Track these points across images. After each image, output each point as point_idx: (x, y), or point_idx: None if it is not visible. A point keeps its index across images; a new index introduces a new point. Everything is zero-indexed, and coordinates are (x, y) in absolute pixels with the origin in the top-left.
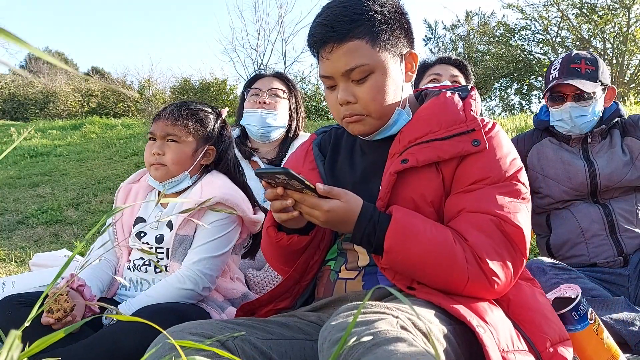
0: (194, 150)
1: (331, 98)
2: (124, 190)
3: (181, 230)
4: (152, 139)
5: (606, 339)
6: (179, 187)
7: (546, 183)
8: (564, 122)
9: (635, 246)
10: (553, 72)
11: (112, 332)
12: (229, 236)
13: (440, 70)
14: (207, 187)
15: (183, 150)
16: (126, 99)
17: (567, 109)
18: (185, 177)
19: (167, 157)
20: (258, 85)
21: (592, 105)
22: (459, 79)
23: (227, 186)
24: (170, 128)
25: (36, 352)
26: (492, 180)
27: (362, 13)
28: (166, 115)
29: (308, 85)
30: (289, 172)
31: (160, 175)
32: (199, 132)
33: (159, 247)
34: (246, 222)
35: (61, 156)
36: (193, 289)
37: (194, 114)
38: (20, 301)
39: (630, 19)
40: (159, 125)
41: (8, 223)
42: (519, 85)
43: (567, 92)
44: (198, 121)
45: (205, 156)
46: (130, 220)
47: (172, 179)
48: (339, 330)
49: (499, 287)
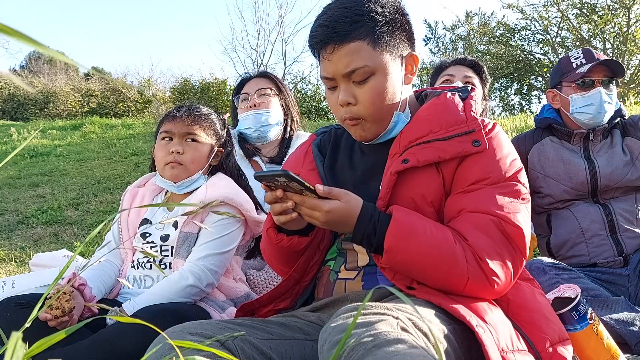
0: (209, 150)
1: (332, 99)
2: (130, 193)
3: (185, 227)
4: (167, 137)
5: (606, 339)
6: (192, 186)
7: (547, 182)
8: (591, 108)
9: (635, 246)
10: (576, 61)
11: (112, 333)
12: (233, 235)
13: (454, 71)
14: (212, 188)
15: (201, 150)
16: (126, 99)
17: (598, 93)
18: (200, 176)
19: (187, 156)
20: (246, 90)
21: (613, 95)
22: (473, 80)
23: (231, 187)
24: (190, 127)
25: (36, 353)
26: (492, 181)
27: (363, 14)
28: (183, 115)
29: (308, 85)
30: (288, 174)
31: (177, 173)
32: (213, 134)
33: (164, 245)
34: (250, 223)
35: (61, 156)
36: (196, 285)
37: (206, 117)
38: (17, 303)
39: (630, 19)
40: (177, 125)
41: (8, 223)
42: (519, 86)
43: (597, 77)
44: (211, 124)
45: (215, 157)
46: (136, 223)
47: (187, 178)
48: (339, 332)
49: (499, 287)
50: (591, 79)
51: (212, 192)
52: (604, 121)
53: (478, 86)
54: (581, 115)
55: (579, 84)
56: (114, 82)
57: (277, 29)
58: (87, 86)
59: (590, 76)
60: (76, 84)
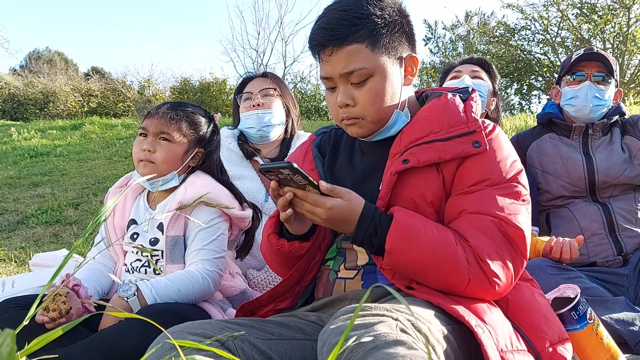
0: (185, 151)
1: (331, 100)
2: (112, 194)
3: (171, 231)
4: (143, 134)
5: (606, 339)
6: (166, 186)
7: (545, 178)
8: (576, 100)
9: (634, 245)
10: (574, 56)
11: (112, 333)
12: (224, 234)
13: (461, 68)
14: (191, 187)
15: (174, 150)
16: (126, 98)
17: (585, 87)
18: (173, 176)
19: (157, 155)
20: (249, 89)
21: (606, 92)
22: (480, 74)
23: (211, 185)
24: (164, 126)
25: (34, 351)
26: (492, 182)
27: (362, 17)
28: (161, 114)
29: (308, 85)
30: (292, 166)
31: (148, 172)
32: (192, 134)
33: (154, 250)
34: (233, 219)
35: (61, 156)
36: (211, 287)
37: (188, 116)
38: (17, 304)
39: (630, 19)
40: (153, 122)
41: (8, 223)
42: (519, 85)
43: (588, 71)
44: (192, 124)
45: (194, 158)
46: (122, 223)
47: (160, 178)
48: (338, 334)
49: (500, 288)
50: (583, 73)
51: (191, 192)
52: (594, 117)
53: (486, 80)
54: (568, 107)
55: (570, 77)
56: (114, 82)
57: (277, 29)
58: (87, 86)
59: (582, 70)
60: (76, 83)
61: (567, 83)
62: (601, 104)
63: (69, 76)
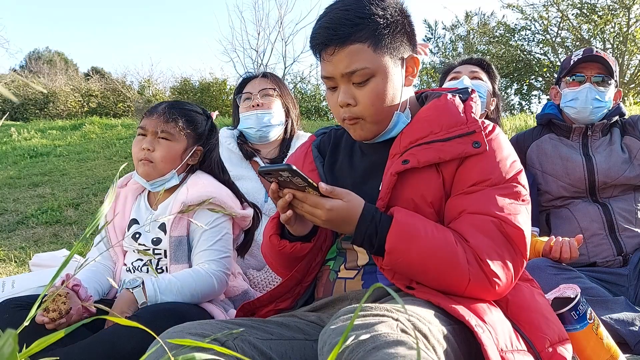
0: (184, 149)
1: (332, 99)
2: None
3: (174, 232)
4: (142, 134)
5: (605, 339)
6: (166, 185)
7: (544, 179)
8: (576, 102)
9: (634, 245)
10: (574, 57)
11: (112, 333)
12: (229, 232)
13: (461, 69)
14: (193, 188)
15: (173, 149)
16: (126, 99)
17: (585, 88)
18: (173, 175)
19: (157, 154)
20: (248, 89)
21: (606, 94)
22: (479, 74)
23: (213, 185)
24: (164, 125)
25: (35, 352)
26: (492, 182)
27: (364, 17)
28: (159, 112)
29: (308, 85)
30: (292, 168)
31: (147, 171)
32: (191, 132)
33: (156, 249)
34: (235, 218)
35: (61, 156)
36: (216, 286)
37: (187, 114)
38: (17, 305)
39: (630, 19)
40: (152, 121)
41: (8, 223)
42: (518, 86)
43: (588, 72)
44: (190, 122)
45: (193, 156)
46: (122, 224)
47: (159, 177)
48: (339, 334)
49: (500, 288)
50: (582, 75)
51: (193, 193)
52: (594, 119)
53: (486, 81)
54: (568, 109)
55: (570, 78)
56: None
57: (277, 29)
58: (87, 86)
59: (582, 71)
60: (76, 84)
61: (567, 84)
62: (601, 105)
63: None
